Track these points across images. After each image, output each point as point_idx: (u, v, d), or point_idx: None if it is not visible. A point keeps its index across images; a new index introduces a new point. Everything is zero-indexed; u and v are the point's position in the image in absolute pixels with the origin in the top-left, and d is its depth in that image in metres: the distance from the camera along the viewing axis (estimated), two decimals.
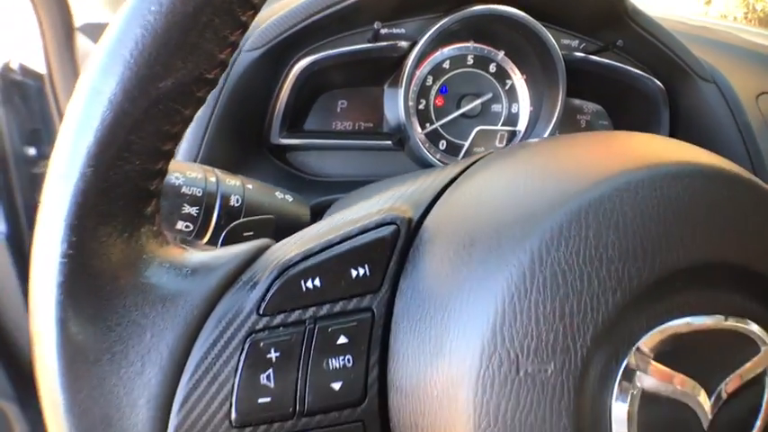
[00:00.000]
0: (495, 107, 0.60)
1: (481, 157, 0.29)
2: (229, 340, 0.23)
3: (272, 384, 0.23)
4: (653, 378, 0.22)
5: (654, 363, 0.22)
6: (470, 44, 0.59)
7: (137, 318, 0.22)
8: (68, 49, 0.62)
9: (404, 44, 0.54)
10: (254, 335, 0.23)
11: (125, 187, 0.22)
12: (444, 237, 0.24)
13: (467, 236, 0.24)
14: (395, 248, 0.24)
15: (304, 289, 0.24)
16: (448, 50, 0.58)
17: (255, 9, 0.22)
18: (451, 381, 0.22)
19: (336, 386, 0.23)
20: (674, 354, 0.22)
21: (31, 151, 0.78)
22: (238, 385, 0.23)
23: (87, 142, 0.21)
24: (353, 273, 0.24)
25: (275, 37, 0.51)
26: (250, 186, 0.39)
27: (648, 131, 0.59)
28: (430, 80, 0.59)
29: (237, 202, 0.38)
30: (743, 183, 0.24)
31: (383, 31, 0.54)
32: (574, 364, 0.21)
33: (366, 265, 0.24)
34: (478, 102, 0.58)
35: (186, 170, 0.39)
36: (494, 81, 0.59)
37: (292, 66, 0.52)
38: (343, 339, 0.23)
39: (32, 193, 0.78)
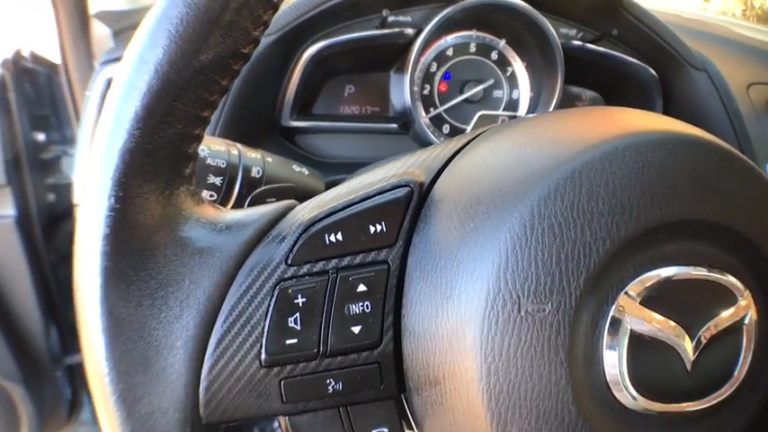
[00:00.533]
0: (497, 93, 0.64)
1: (486, 130, 0.32)
2: (260, 287, 0.26)
3: (298, 327, 0.25)
4: (640, 320, 0.24)
5: (641, 306, 0.24)
6: (473, 32, 0.62)
7: (176, 267, 0.25)
8: (83, 36, 0.65)
9: (410, 31, 0.58)
10: (282, 283, 0.26)
11: (168, 149, 0.24)
12: (453, 197, 0.27)
13: (473, 195, 0.26)
14: (408, 208, 0.27)
15: (327, 242, 0.26)
16: (451, 38, 0.62)
17: None
18: (460, 321, 0.24)
19: (356, 329, 0.26)
20: (659, 300, 0.24)
21: (41, 137, 0.81)
22: (268, 328, 0.25)
23: (135, 107, 0.23)
24: (371, 229, 0.26)
25: (287, 24, 0.54)
26: (269, 159, 0.43)
27: None
28: (434, 67, 0.62)
29: (258, 174, 0.42)
30: (719, 150, 0.26)
31: (390, 18, 0.57)
32: (568, 305, 0.23)
33: (383, 223, 0.26)
34: (480, 87, 0.62)
35: (210, 143, 0.42)
36: (495, 68, 0.63)
37: (303, 51, 0.56)
38: (362, 288, 0.26)
39: (41, 177, 0.81)
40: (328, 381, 0.26)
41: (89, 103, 0.60)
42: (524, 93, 0.63)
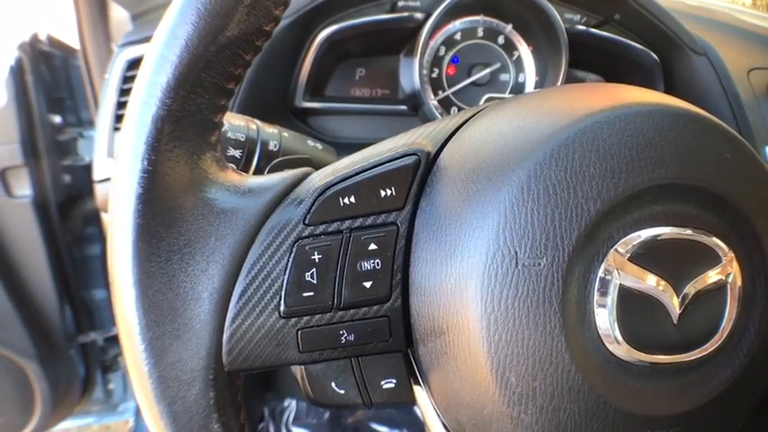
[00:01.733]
0: (504, 76, 0.68)
1: (489, 105, 0.35)
2: (280, 245, 0.28)
3: (315, 281, 0.28)
4: (629, 275, 0.27)
5: (630, 263, 0.27)
6: (480, 17, 0.66)
7: (203, 225, 0.27)
8: (102, 20, 0.69)
9: (419, 16, 0.62)
10: (300, 241, 0.29)
11: (196, 117, 0.27)
12: (457, 164, 0.30)
13: (475, 162, 0.29)
14: (416, 174, 0.30)
15: (341, 204, 0.29)
16: (459, 23, 0.66)
17: None
18: (462, 275, 0.27)
19: (367, 285, 0.29)
20: (647, 257, 0.27)
21: (57, 119, 0.85)
22: (287, 281, 0.28)
23: (167, 77, 0.26)
24: (382, 193, 0.29)
25: (302, 7, 0.59)
26: (286, 134, 0.47)
27: None
28: (443, 50, 0.66)
29: (275, 147, 0.46)
30: (705, 122, 0.29)
31: (400, 3, 0.61)
32: (561, 259, 0.26)
33: (392, 187, 0.29)
34: (488, 71, 0.66)
35: (231, 118, 0.46)
36: (502, 52, 0.67)
37: (316, 35, 0.60)
38: (373, 246, 0.29)
39: (57, 159, 0.85)
40: (341, 332, 0.29)
41: (108, 86, 0.64)
42: (530, 76, 0.67)
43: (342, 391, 0.30)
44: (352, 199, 0.29)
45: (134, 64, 0.64)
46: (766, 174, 0.30)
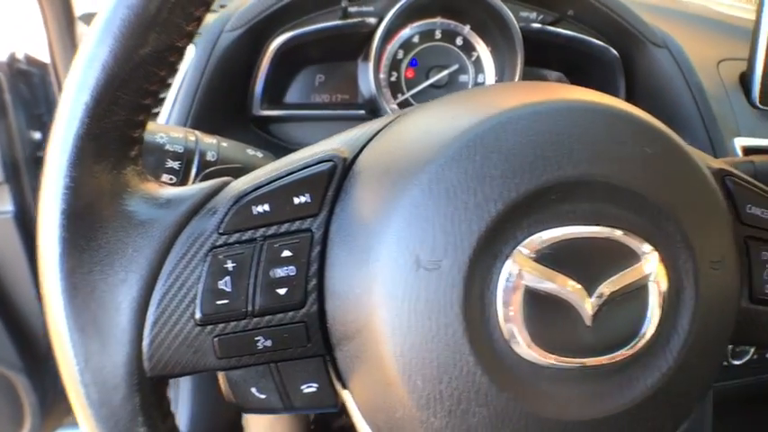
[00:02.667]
0: (463, 77, 0.68)
1: (407, 109, 0.35)
2: (195, 254, 0.29)
3: (229, 289, 0.29)
4: (534, 277, 0.27)
5: (535, 264, 0.27)
6: (438, 19, 0.67)
7: (122, 237, 0.29)
8: (70, 38, 0.72)
9: (372, 20, 0.63)
10: (215, 249, 0.29)
11: (115, 133, 0.28)
12: (370, 169, 0.30)
13: (385, 166, 0.29)
14: (332, 180, 0.30)
15: (255, 213, 0.30)
16: (417, 26, 0.67)
17: None
18: (369, 279, 0.28)
19: (281, 291, 0.29)
20: (556, 258, 0.27)
21: (36, 135, 0.88)
22: (202, 289, 0.29)
23: (85, 98, 0.27)
24: (296, 200, 0.30)
25: (253, 18, 0.60)
26: (224, 144, 0.49)
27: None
28: (401, 54, 0.67)
29: (213, 157, 0.48)
30: (622, 116, 0.29)
31: (353, 9, 0.63)
32: (462, 261, 0.26)
33: (307, 194, 0.30)
34: (445, 73, 0.67)
35: (170, 131, 0.48)
36: (460, 53, 0.68)
37: (270, 44, 0.62)
38: (287, 253, 0.29)
39: (38, 174, 0.88)
40: (257, 338, 0.30)
41: None
42: (490, 77, 0.68)
43: (263, 396, 0.31)
44: (266, 207, 0.30)
45: None
46: (693, 167, 0.30)
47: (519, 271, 0.27)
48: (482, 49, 0.68)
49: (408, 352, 0.27)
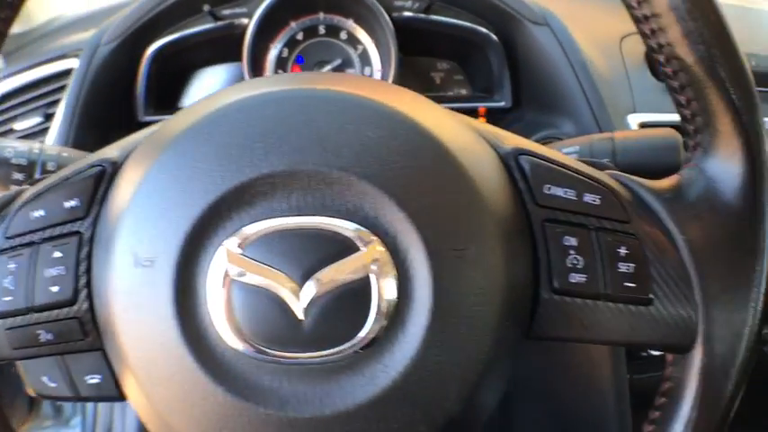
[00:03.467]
0: (350, 71, 0.69)
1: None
2: None
3: (12, 287, 0.31)
4: (242, 270, 0.27)
5: (242, 257, 0.27)
6: (320, 15, 0.68)
7: None
8: None
9: (245, 21, 0.65)
10: (2, 252, 0.32)
11: None
12: (128, 171, 0.32)
13: (137, 167, 0.31)
14: (99, 184, 0.33)
15: (32, 218, 0.32)
16: (300, 22, 0.68)
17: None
18: (107, 277, 0.30)
19: (54, 289, 0.31)
20: (268, 251, 0.27)
21: None
22: None
23: None
24: (66, 204, 0.32)
25: (127, 30, 0.63)
26: (65, 154, 0.51)
27: (494, 81, 0.67)
28: (286, 52, 0.69)
29: (54, 167, 0.50)
30: (341, 103, 0.29)
31: (226, 11, 0.65)
32: (171, 257, 0.28)
33: (77, 198, 0.32)
34: (328, 68, 0.68)
35: (17, 145, 0.51)
36: (345, 47, 0.69)
37: (145, 51, 0.64)
38: (57, 254, 0.31)
39: None
40: (39, 332, 0.32)
41: None
42: (376, 69, 0.68)
43: (54, 385, 0.34)
44: (42, 212, 0.32)
45: (5, 97, 0.71)
46: (424, 151, 0.29)
47: (225, 265, 0.27)
48: (368, 42, 0.68)
49: (138, 348, 0.29)
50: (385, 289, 0.27)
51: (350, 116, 0.28)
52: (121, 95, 0.66)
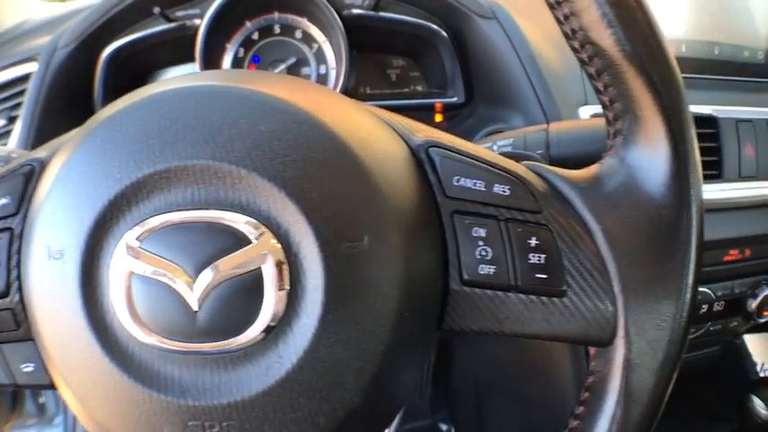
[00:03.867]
0: (306, 70, 0.70)
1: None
2: None
3: None
4: (140, 263, 0.28)
5: (140, 250, 0.28)
6: (275, 15, 0.69)
7: None
8: None
9: (198, 22, 0.66)
10: None
11: None
12: (52, 169, 0.33)
13: (57, 162, 0.33)
14: (29, 182, 0.34)
15: None
16: (255, 22, 0.69)
17: None
18: (27, 270, 0.31)
19: None
20: (164, 244, 0.28)
21: None
22: None
23: None
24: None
25: (82, 33, 0.65)
26: (14, 155, 0.53)
27: (447, 77, 0.67)
28: (242, 52, 0.70)
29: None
30: (233, 98, 0.30)
31: (180, 12, 0.66)
32: (77, 251, 0.29)
33: (8, 196, 0.34)
34: (283, 66, 0.69)
35: None
36: (300, 46, 0.70)
37: (101, 54, 0.66)
38: None
39: None
40: None
41: None
42: (332, 67, 0.69)
43: None
44: None
45: None
46: (318, 143, 0.29)
47: (124, 258, 0.29)
48: (322, 40, 0.69)
49: (53, 337, 0.30)
50: (277, 281, 0.28)
51: (244, 111, 0.29)
52: (81, 98, 0.68)
